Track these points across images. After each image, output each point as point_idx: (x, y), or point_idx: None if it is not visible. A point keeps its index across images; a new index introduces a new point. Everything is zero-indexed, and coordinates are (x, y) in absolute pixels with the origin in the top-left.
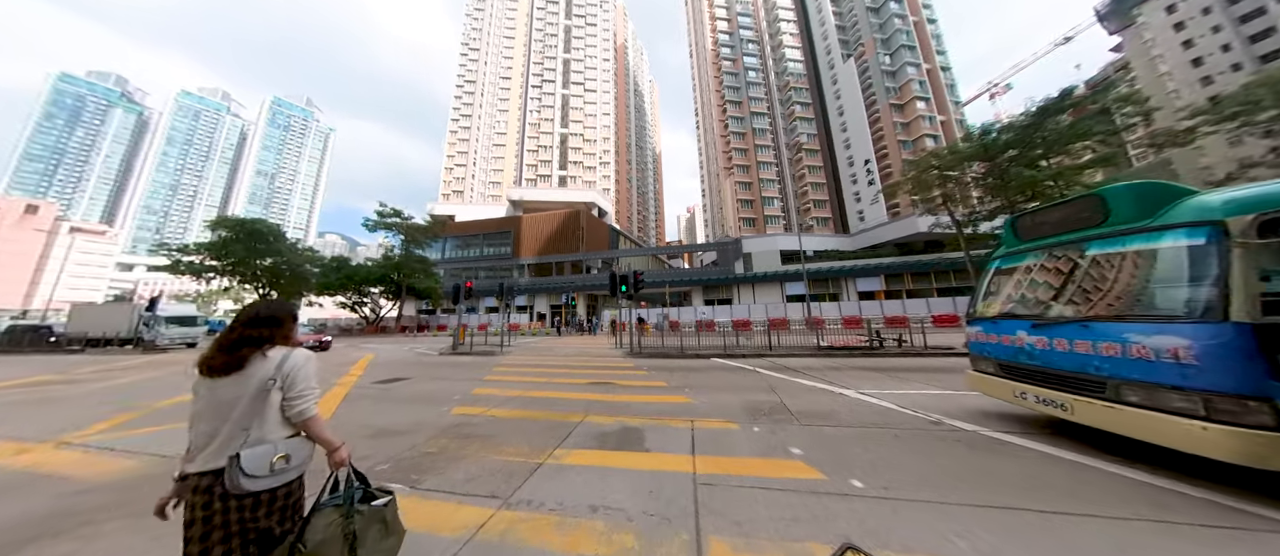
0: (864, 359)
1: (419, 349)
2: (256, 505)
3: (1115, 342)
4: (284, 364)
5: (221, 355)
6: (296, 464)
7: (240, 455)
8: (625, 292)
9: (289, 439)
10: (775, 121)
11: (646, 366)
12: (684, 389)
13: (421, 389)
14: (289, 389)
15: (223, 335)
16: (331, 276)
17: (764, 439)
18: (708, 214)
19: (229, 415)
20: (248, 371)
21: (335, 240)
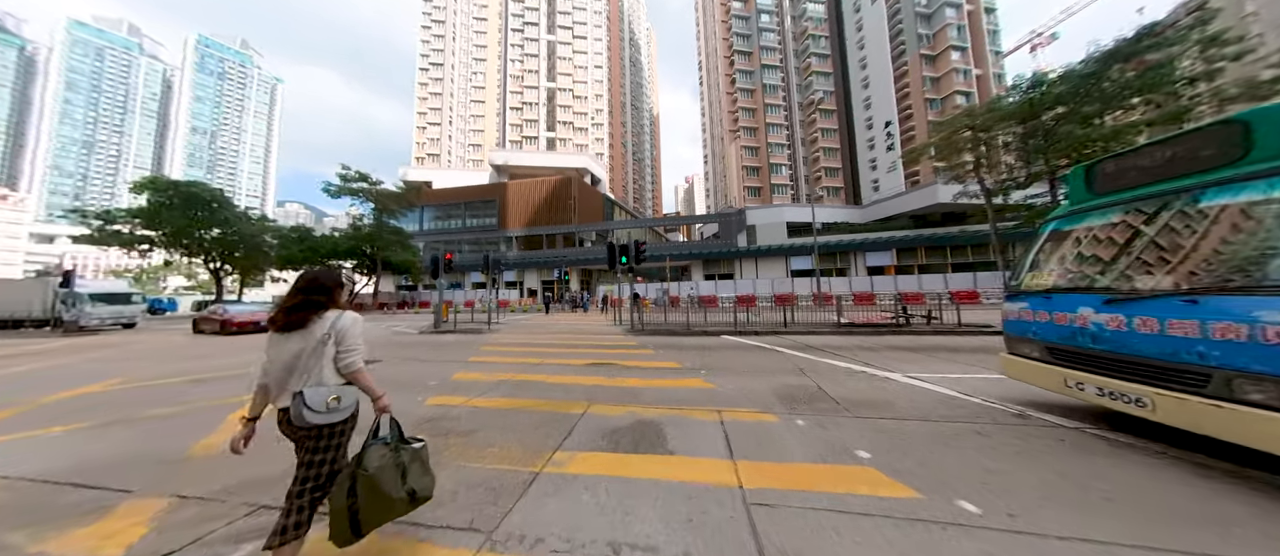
0: (891, 337)
1: (397, 327)
2: (317, 436)
3: (1238, 323)
4: (336, 323)
5: (287, 316)
6: (345, 406)
7: (304, 392)
8: (625, 264)
9: (342, 386)
10: (788, 76)
11: (652, 344)
12: (700, 370)
13: (392, 374)
14: (340, 343)
15: (287, 300)
16: (292, 248)
17: (815, 436)
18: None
19: (296, 364)
20: (309, 329)
21: (298, 210)
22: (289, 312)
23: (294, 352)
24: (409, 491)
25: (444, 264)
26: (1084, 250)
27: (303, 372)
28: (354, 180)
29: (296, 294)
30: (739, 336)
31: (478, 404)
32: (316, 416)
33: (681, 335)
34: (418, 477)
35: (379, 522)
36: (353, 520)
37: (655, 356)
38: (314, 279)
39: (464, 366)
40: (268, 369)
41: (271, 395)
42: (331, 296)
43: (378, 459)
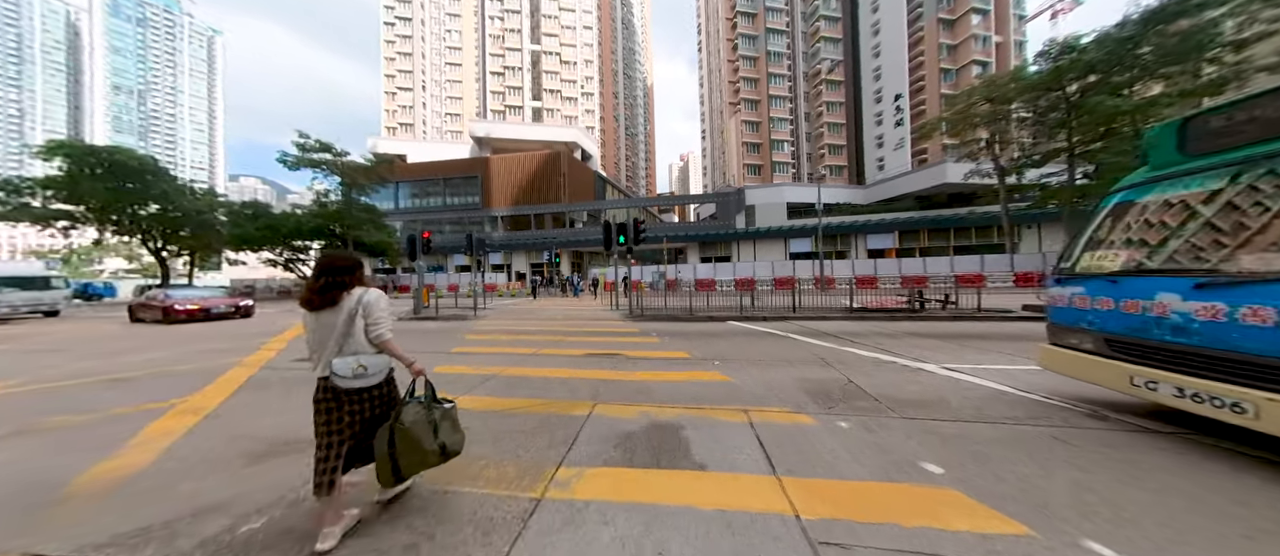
0: (907, 323)
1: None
2: (361, 398)
3: None
4: (363, 299)
5: (319, 297)
6: (373, 372)
7: (333, 362)
8: (624, 245)
9: (373, 355)
10: (794, 43)
11: (655, 331)
12: (713, 361)
13: None
14: (368, 316)
15: (313, 282)
16: (247, 227)
17: (865, 442)
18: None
19: (330, 337)
20: (340, 305)
21: (254, 185)
22: (319, 293)
23: (328, 327)
24: (440, 445)
25: (422, 244)
26: (1168, 224)
27: (336, 344)
28: (314, 149)
29: (322, 276)
30: (746, 322)
31: (463, 404)
32: (345, 382)
33: (684, 320)
34: (448, 434)
35: (416, 470)
36: (395, 466)
37: (661, 345)
38: (334, 261)
39: (447, 358)
40: (308, 344)
41: (314, 367)
42: (354, 275)
43: (412, 415)
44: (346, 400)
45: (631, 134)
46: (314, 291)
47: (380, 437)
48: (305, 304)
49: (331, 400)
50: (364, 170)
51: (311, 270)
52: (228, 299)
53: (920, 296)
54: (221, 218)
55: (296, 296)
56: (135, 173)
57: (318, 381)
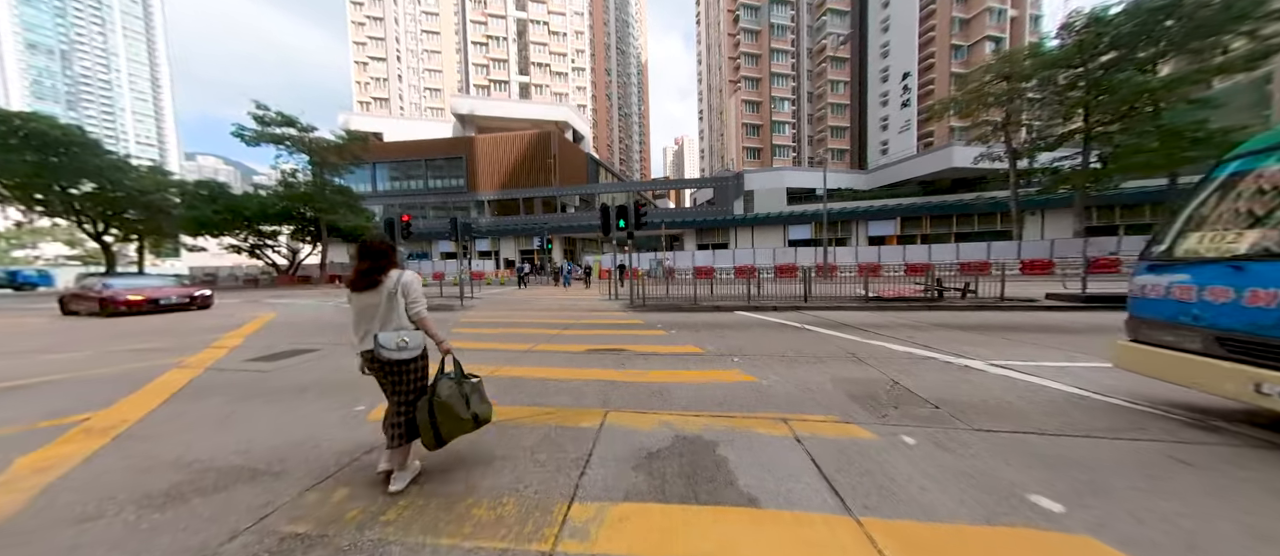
0: (928, 312)
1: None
2: (400, 369)
3: None
4: (401, 279)
5: (362, 279)
6: (413, 346)
7: (377, 335)
8: (624, 229)
9: (412, 331)
10: (799, 16)
11: (659, 323)
12: (731, 357)
13: (328, 368)
14: (407, 296)
15: (358, 266)
16: (203, 209)
17: (944, 465)
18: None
19: (374, 315)
20: (381, 287)
21: (215, 164)
22: (363, 276)
23: (371, 305)
24: (474, 415)
25: (402, 228)
26: None
27: (380, 321)
28: (275, 123)
29: (365, 260)
30: (755, 312)
31: None
32: (389, 353)
33: (689, 310)
34: (478, 405)
35: (455, 436)
36: (436, 433)
37: (669, 338)
38: (373, 246)
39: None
40: (352, 321)
41: (360, 343)
42: (390, 258)
43: (446, 390)
44: (389, 371)
45: (625, 114)
46: (358, 273)
47: (421, 409)
48: (350, 285)
49: (378, 369)
50: (335, 148)
51: (353, 255)
52: (180, 289)
53: (939, 285)
54: (173, 198)
55: (264, 285)
56: (58, 144)
57: (361, 355)
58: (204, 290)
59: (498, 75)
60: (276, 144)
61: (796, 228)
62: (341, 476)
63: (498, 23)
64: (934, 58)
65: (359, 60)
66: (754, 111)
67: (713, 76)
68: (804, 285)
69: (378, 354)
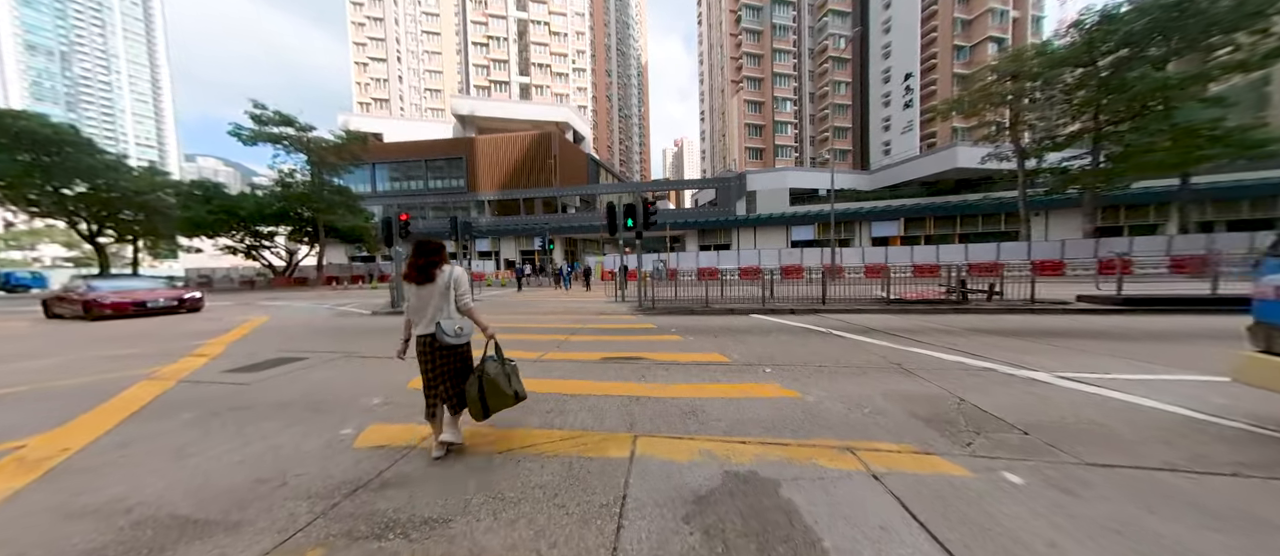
0: (956, 316)
1: (346, 307)
2: (452, 353)
3: None
4: (452, 275)
5: (419, 273)
6: (465, 334)
7: (441, 323)
8: (632, 228)
9: (464, 320)
10: (800, 17)
11: (674, 328)
12: (761, 367)
13: (315, 381)
14: (457, 289)
15: (415, 261)
16: (198, 209)
17: (1066, 509)
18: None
19: (429, 304)
20: (436, 281)
21: (215, 166)
22: (419, 271)
23: (427, 297)
24: (514, 391)
25: (400, 227)
26: None
27: (436, 310)
28: (273, 122)
29: (421, 257)
30: (771, 315)
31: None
32: (449, 339)
33: (701, 313)
34: (517, 384)
35: (499, 409)
36: (484, 406)
37: (687, 345)
38: (427, 245)
39: None
40: (410, 309)
41: (414, 326)
42: (443, 255)
43: (493, 369)
44: (443, 353)
45: (625, 115)
46: (415, 269)
47: (471, 385)
48: (408, 278)
49: (431, 352)
50: (334, 148)
51: (410, 252)
52: (170, 291)
53: (963, 286)
54: (168, 198)
55: (261, 287)
56: (50, 143)
57: (419, 338)
58: (194, 293)
59: (498, 76)
60: (274, 143)
61: (799, 228)
62: (315, 532)
63: (498, 23)
64: (936, 58)
65: (359, 61)
66: (756, 111)
67: (715, 77)
68: (820, 287)
69: (439, 338)
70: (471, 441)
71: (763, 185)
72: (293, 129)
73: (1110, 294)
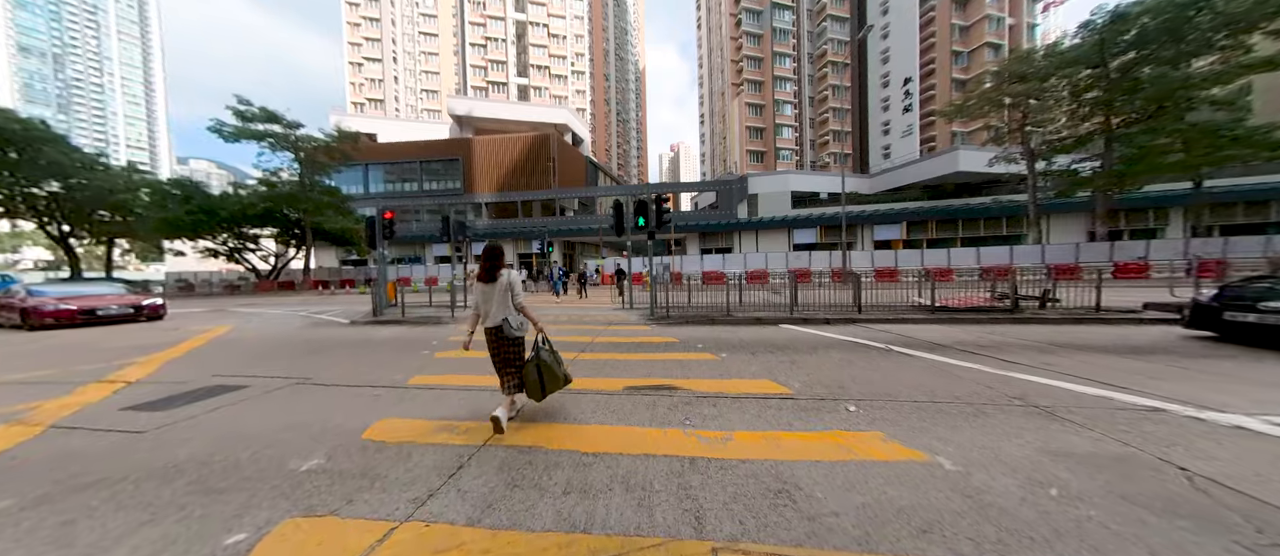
0: (1015, 326)
1: (325, 314)
2: (514, 342)
3: None
4: (510, 277)
5: (487, 275)
6: (524, 326)
7: (507, 319)
8: (643, 228)
9: (518, 314)
10: (800, 21)
11: (700, 342)
12: (840, 402)
13: (235, 429)
14: (513, 289)
15: (483, 265)
16: (176, 210)
17: None
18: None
19: (493, 301)
20: (499, 281)
21: (207, 168)
22: (487, 273)
23: (491, 294)
24: (564, 374)
25: (385, 227)
26: None
27: (500, 306)
28: (258, 119)
29: (488, 262)
30: (804, 326)
31: (416, 539)
32: (511, 331)
33: (724, 323)
34: (566, 370)
35: (553, 390)
36: (542, 388)
37: (725, 367)
38: (492, 251)
39: (399, 398)
40: (478, 305)
41: (481, 320)
42: (502, 259)
43: (546, 355)
44: (507, 343)
45: (623, 119)
46: (484, 271)
47: (529, 369)
48: (479, 278)
49: (496, 341)
50: (324, 147)
51: (479, 258)
52: (126, 297)
53: (1014, 292)
54: (145, 198)
55: (245, 291)
56: (18, 139)
57: (487, 330)
58: (153, 299)
59: (496, 76)
60: (258, 141)
61: (801, 231)
62: None
63: (497, 25)
64: (935, 63)
65: (353, 61)
66: (757, 114)
67: (714, 79)
68: (852, 292)
69: (503, 331)
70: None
71: (764, 188)
72: (279, 126)
73: (1185, 300)
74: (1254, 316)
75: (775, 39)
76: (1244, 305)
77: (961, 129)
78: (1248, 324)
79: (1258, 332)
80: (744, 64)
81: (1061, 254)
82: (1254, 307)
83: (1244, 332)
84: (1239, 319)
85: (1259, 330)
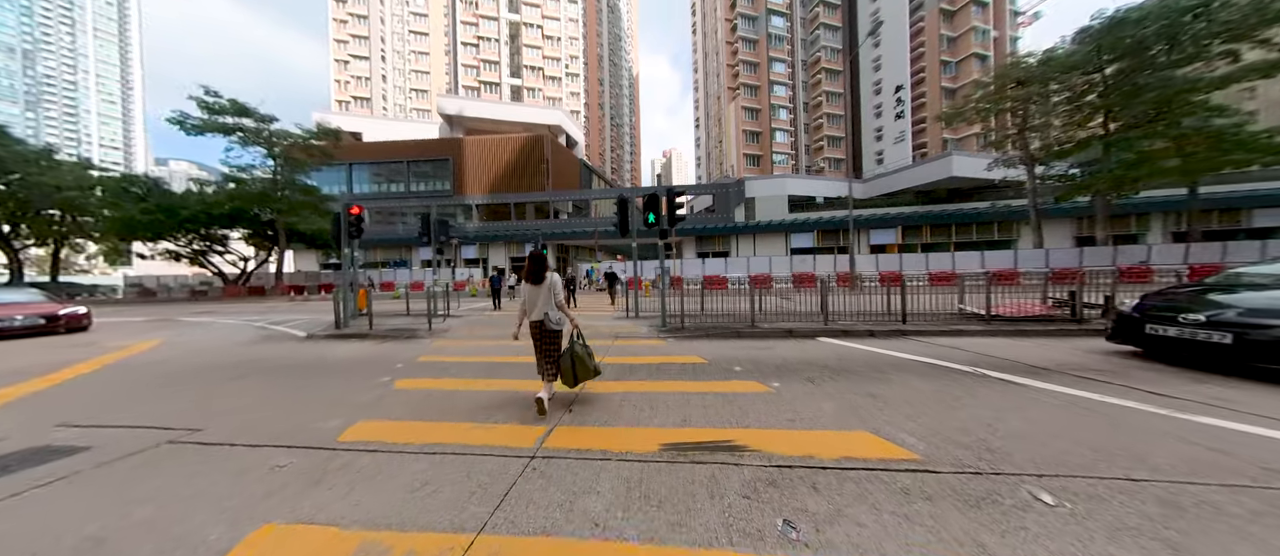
0: (1088, 340)
1: (285, 325)
2: (554, 336)
3: None
4: (552, 279)
5: (533, 278)
6: (563, 321)
7: (548, 313)
8: (653, 225)
9: (557, 311)
10: (794, 29)
11: (737, 363)
12: (1001, 477)
13: (24, 535)
14: (554, 290)
15: (529, 270)
16: (130, 209)
17: None
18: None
19: (538, 300)
20: (544, 283)
21: (187, 169)
22: (533, 276)
23: (537, 294)
24: (595, 367)
25: (352, 223)
26: None
27: (544, 304)
28: (227, 112)
29: (535, 266)
30: (846, 339)
31: None
32: (553, 325)
33: (750, 336)
34: (596, 363)
35: (585, 379)
36: (575, 376)
37: (788, 401)
38: (537, 257)
39: (319, 470)
40: (525, 303)
41: (527, 315)
42: (546, 265)
43: (580, 349)
44: (549, 335)
45: (617, 124)
46: (531, 274)
47: (565, 359)
48: (526, 280)
49: (540, 333)
50: (302, 144)
51: (526, 263)
52: (40, 306)
53: (1073, 299)
54: (96, 195)
55: (212, 297)
56: None
57: (532, 323)
58: (73, 308)
59: (488, 77)
60: (227, 135)
61: (798, 235)
62: None
63: (490, 24)
64: (925, 72)
65: (339, 59)
66: (753, 118)
67: (710, 83)
68: (883, 298)
69: (545, 324)
70: None
71: (761, 192)
72: (250, 120)
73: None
74: (1174, 331)
75: (770, 45)
76: (1165, 317)
77: (952, 136)
78: (1167, 338)
79: (1177, 348)
80: (740, 68)
81: (1066, 258)
82: (1175, 320)
83: (1164, 348)
84: (1160, 332)
85: (1178, 345)
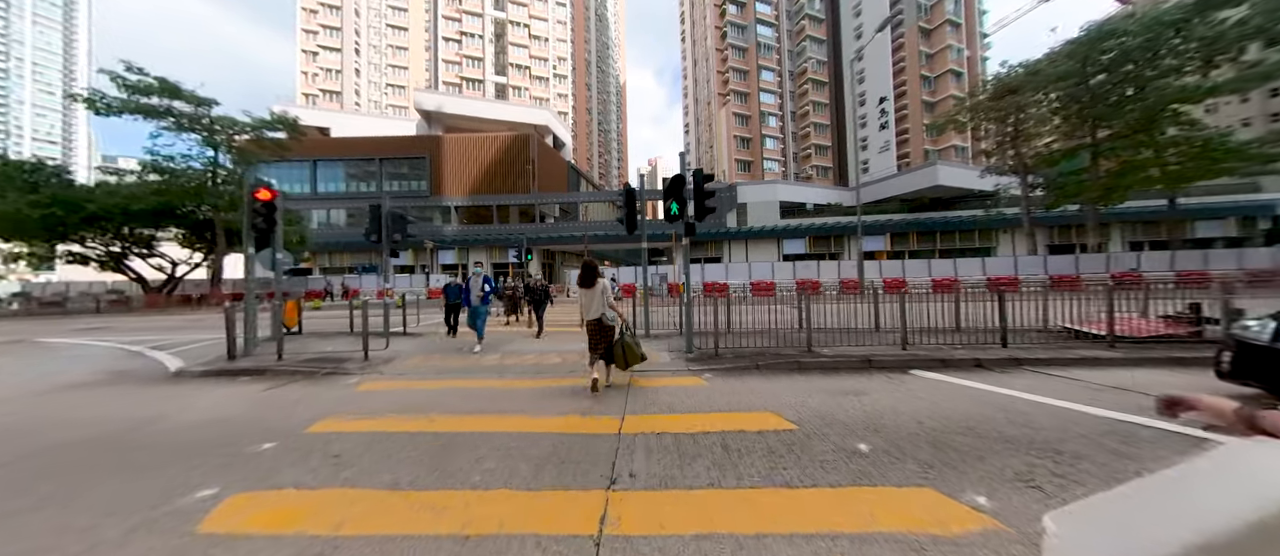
0: None
1: (170, 348)
2: (609, 330)
3: None
4: (603, 282)
5: (586, 283)
6: (614, 319)
7: (604, 312)
8: (676, 217)
9: (610, 310)
10: (781, 40)
11: (830, 423)
12: None
13: None
14: (606, 292)
15: (583, 274)
16: (16, 202)
17: None
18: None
19: (593, 301)
20: (596, 286)
21: (136, 168)
22: (584, 281)
23: (591, 296)
24: (641, 354)
25: (258, 212)
26: None
27: (599, 305)
28: (151, 91)
29: (586, 272)
30: (949, 373)
31: None
32: (607, 322)
33: (813, 370)
34: (642, 349)
35: (634, 364)
36: (626, 361)
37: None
38: (590, 263)
39: None
40: (582, 304)
41: (586, 314)
42: (597, 272)
43: (629, 338)
44: (604, 329)
45: (605, 129)
46: (583, 280)
47: (616, 348)
48: (581, 283)
49: (598, 329)
50: (253, 134)
51: (579, 270)
52: None
53: (1197, 313)
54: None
55: (137, 307)
56: None
57: (589, 321)
58: None
59: (472, 74)
60: (152, 118)
61: (791, 241)
62: None
63: (474, 20)
64: (906, 85)
65: (307, 49)
66: (743, 124)
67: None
68: (953, 310)
69: (603, 321)
70: None
71: (753, 197)
72: (185, 102)
73: None
74: None
75: (759, 53)
76: None
77: (933, 146)
78: None
79: None
80: (730, 75)
81: (1065, 266)
82: None
83: None
84: None
85: None
